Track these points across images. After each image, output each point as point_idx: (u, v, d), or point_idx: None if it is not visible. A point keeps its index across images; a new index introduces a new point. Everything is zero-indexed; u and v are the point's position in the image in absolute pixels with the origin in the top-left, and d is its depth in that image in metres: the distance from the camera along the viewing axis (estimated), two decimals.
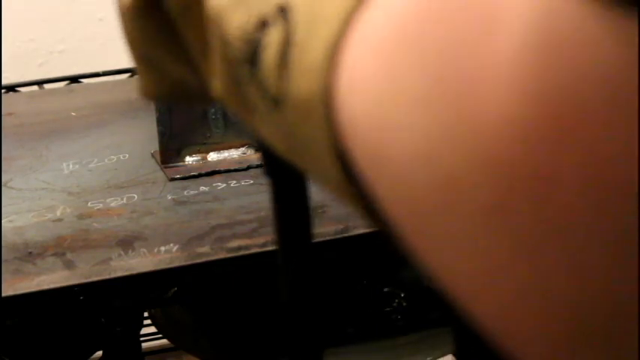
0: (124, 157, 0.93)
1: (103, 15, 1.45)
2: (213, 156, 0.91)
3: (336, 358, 0.98)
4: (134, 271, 0.71)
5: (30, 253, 0.73)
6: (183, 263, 0.72)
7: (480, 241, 0.17)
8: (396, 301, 0.98)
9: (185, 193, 0.84)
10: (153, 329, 1.22)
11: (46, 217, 0.80)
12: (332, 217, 0.76)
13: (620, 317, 0.16)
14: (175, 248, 0.73)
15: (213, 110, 0.91)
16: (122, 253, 0.73)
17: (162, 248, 0.73)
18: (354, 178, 0.21)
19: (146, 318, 1.17)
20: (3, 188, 0.86)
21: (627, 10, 0.15)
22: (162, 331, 1.18)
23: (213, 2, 0.25)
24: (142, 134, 0.97)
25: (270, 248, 0.73)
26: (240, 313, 0.99)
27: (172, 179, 0.87)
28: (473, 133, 0.16)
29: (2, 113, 1.04)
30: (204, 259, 0.72)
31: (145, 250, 0.73)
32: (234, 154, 0.91)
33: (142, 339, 1.16)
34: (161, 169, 0.89)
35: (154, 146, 0.91)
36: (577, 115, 0.15)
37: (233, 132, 0.92)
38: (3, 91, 1.20)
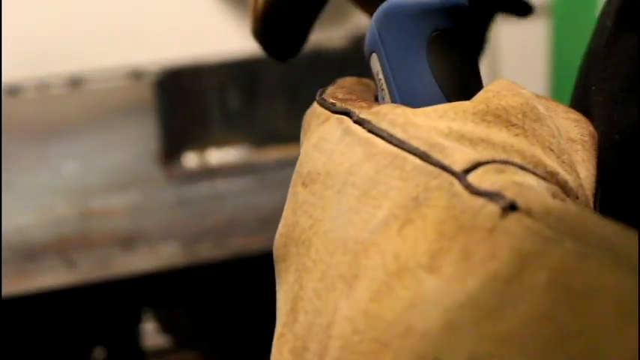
0: (124, 157, 0.93)
1: (104, 14, 1.45)
2: (213, 156, 0.91)
3: None
4: (135, 271, 0.72)
5: (31, 252, 0.74)
6: (183, 263, 0.72)
7: None
8: None
9: (185, 193, 0.84)
10: (153, 328, 1.22)
11: (47, 217, 0.80)
12: None
13: None
14: (176, 247, 0.73)
15: (213, 110, 0.91)
16: (123, 252, 0.73)
17: (163, 247, 0.73)
18: None
19: (147, 317, 1.17)
20: (3, 188, 0.87)
21: None
22: (163, 330, 1.18)
23: None
24: (142, 134, 0.98)
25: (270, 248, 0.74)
26: (241, 312, 0.99)
27: (172, 179, 0.87)
28: None
29: (2, 113, 1.04)
30: (204, 259, 0.72)
31: (145, 249, 0.73)
32: (234, 154, 0.92)
33: (142, 338, 1.16)
34: (161, 169, 0.89)
35: (154, 146, 0.91)
36: None
37: (233, 132, 0.92)
38: (3, 91, 1.20)
